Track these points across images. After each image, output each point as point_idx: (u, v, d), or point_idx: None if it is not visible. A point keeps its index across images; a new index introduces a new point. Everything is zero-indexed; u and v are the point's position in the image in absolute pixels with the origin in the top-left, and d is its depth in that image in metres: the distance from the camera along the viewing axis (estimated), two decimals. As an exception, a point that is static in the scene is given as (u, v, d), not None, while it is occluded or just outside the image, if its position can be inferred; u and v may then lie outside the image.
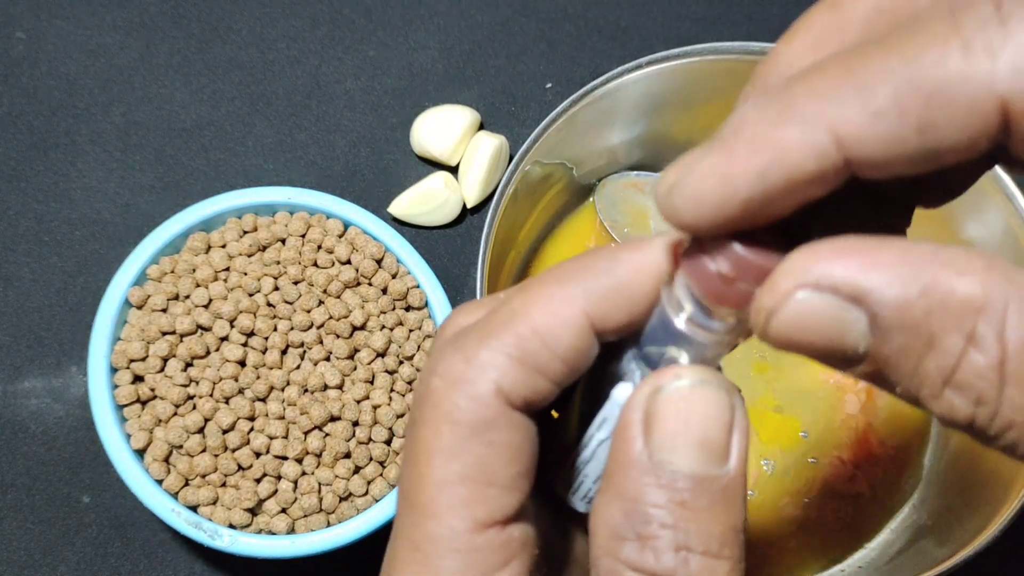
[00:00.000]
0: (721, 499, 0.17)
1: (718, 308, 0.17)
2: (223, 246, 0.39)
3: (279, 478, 0.37)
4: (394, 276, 0.40)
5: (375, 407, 0.38)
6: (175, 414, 0.37)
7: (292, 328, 0.38)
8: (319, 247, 0.40)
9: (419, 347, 0.40)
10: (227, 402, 0.37)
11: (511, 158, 0.44)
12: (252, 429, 0.37)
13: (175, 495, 0.36)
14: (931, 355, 0.14)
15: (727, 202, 0.15)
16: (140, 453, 0.37)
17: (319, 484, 0.37)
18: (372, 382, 0.38)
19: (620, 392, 0.19)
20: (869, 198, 0.18)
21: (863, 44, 0.14)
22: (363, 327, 0.39)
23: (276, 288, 0.39)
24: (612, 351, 0.19)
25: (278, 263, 0.39)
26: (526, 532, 0.18)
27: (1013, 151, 0.14)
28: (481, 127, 0.48)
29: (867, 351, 0.15)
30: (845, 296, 0.14)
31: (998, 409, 0.14)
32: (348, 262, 0.40)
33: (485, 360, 0.17)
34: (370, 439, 0.38)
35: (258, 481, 0.37)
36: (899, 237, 0.15)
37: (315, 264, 0.40)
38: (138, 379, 0.37)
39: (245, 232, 0.40)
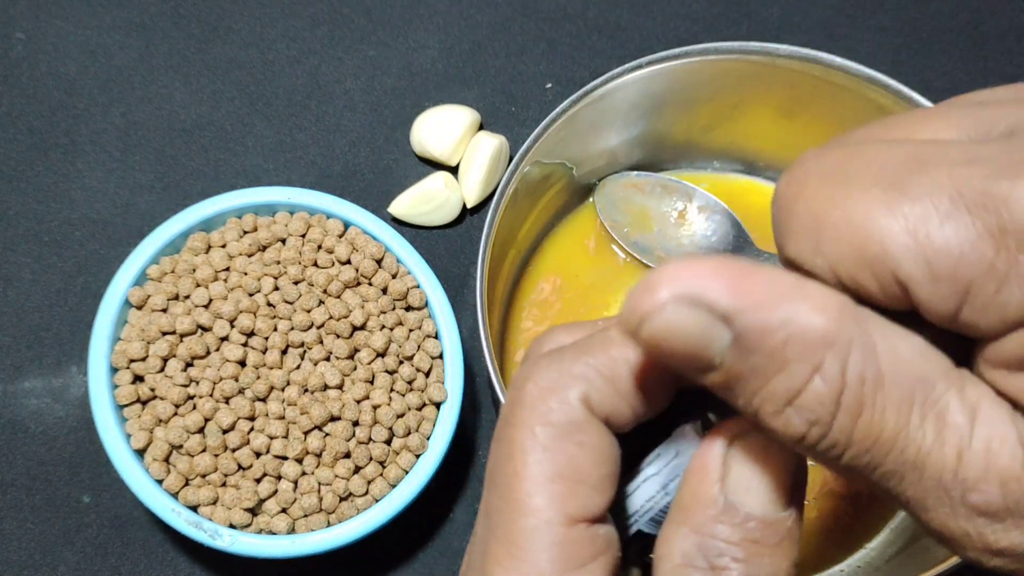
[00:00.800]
0: (787, 539, 0.19)
1: None
2: (223, 246, 0.39)
3: (279, 478, 0.37)
4: (394, 276, 0.40)
5: (375, 407, 0.38)
6: (175, 414, 0.37)
7: (292, 328, 0.38)
8: (319, 247, 0.40)
9: (419, 347, 0.40)
10: (227, 402, 0.37)
11: (511, 158, 0.45)
12: (252, 429, 0.37)
13: (175, 495, 0.36)
14: (780, 377, 0.16)
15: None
16: (140, 453, 0.37)
17: (319, 484, 0.37)
18: (372, 382, 0.38)
19: (680, 432, 0.20)
20: None
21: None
22: (363, 327, 0.39)
23: (276, 288, 0.39)
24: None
25: (278, 263, 0.39)
26: (610, 533, 0.20)
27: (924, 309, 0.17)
28: (481, 127, 0.48)
29: (722, 364, 0.16)
30: (717, 314, 0.16)
31: (828, 431, 0.16)
32: (348, 262, 0.40)
33: (579, 372, 0.19)
34: (370, 439, 0.38)
35: (258, 481, 0.37)
36: (764, 267, 0.17)
37: (315, 264, 0.40)
38: (138, 379, 0.37)
39: (245, 232, 0.40)
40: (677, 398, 0.20)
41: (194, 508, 0.36)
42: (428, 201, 0.46)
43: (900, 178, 0.16)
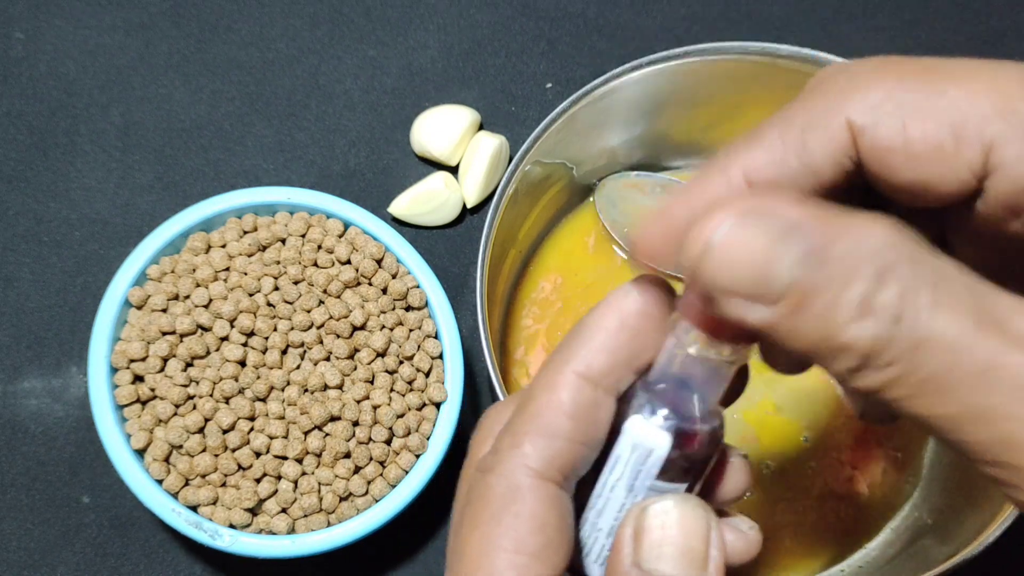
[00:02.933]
0: None
1: (712, 343, 0.20)
2: (223, 246, 0.39)
3: (279, 478, 0.37)
4: (394, 276, 0.40)
5: (375, 407, 0.38)
6: (175, 414, 0.37)
7: (292, 328, 0.38)
8: (319, 247, 0.40)
9: (419, 347, 0.40)
10: (227, 402, 0.37)
11: (511, 158, 0.44)
12: (252, 429, 0.37)
13: (175, 495, 0.36)
14: (852, 284, 0.16)
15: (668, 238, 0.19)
16: (140, 453, 0.37)
17: (319, 484, 0.37)
18: (372, 382, 0.38)
19: (631, 423, 0.20)
20: None
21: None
22: (363, 327, 0.39)
23: (276, 288, 0.39)
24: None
25: (278, 263, 0.39)
26: None
27: (867, 166, 0.18)
28: (481, 127, 0.48)
29: (792, 283, 0.16)
30: (785, 224, 0.16)
31: (900, 330, 0.16)
32: (348, 262, 0.40)
33: (508, 443, 0.20)
34: (370, 439, 0.38)
35: (258, 481, 0.37)
36: (812, 198, 0.18)
37: (315, 264, 0.40)
38: (138, 379, 0.37)
39: (245, 232, 0.40)
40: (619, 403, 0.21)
41: (194, 508, 0.36)
42: (428, 201, 0.46)
43: None
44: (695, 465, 0.21)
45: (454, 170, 0.47)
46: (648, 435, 0.20)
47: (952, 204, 0.19)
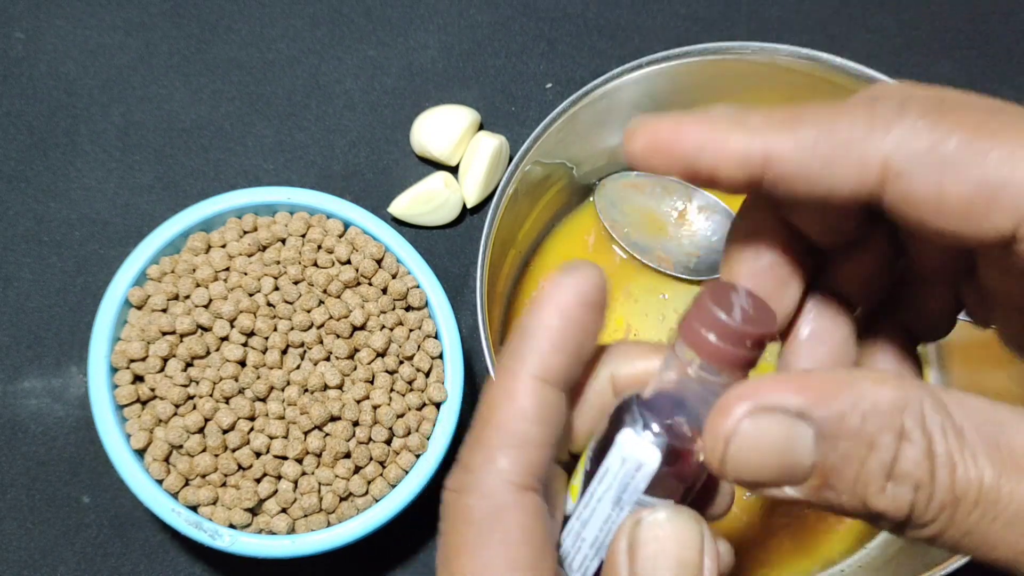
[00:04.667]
0: None
1: (711, 368, 0.20)
2: (223, 246, 0.39)
3: (279, 478, 0.37)
4: (394, 276, 0.40)
5: (375, 407, 0.38)
6: (175, 414, 0.37)
7: (292, 328, 0.38)
8: (319, 247, 0.40)
9: (419, 347, 0.40)
10: (227, 402, 0.37)
11: (511, 158, 0.44)
12: (252, 429, 0.37)
13: (175, 495, 0.36)
14: (872, 456, 0.17)
15: (672, 163, 0.19)
16: (140, 453, 0.37)
17: (319, 484, 0.37)
18: (372, 382, 0.38)
19: (623, 436, 0.20)
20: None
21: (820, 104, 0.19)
22: (363, 327, 0.39)
23: (276, 288, 0.39)
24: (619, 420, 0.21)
25: (278, 263, 0.39)
26: None
27: (889, 208, 0.18)
28: (481, 127, 0.48)
29: (814, 464, 0.17)
30: (793, 413, 0.17)
31: (933, 491, 0.17)
32: (348, 262, 0.40)
33: (479, 461, 0.20)
34: (370, 439, 0.38)
35: (258, 481, 0.37)
36: (817, 370, 0.18)
37: (315, 264, 0.40)
38: (138, 379, 0.37)
39: (245, 232, 0.40)
40: (612, 415, 0.21)
41: (194, 508, 0.36)
42: (428, 201, 0.46)
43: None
44: (683, 484, 0.21)
45: (454, 170, 0.47)
46: (638, 449, 0.20)
47: (978, 249, 0.19)
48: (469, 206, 0.47)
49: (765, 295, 0.22)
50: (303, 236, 0.40)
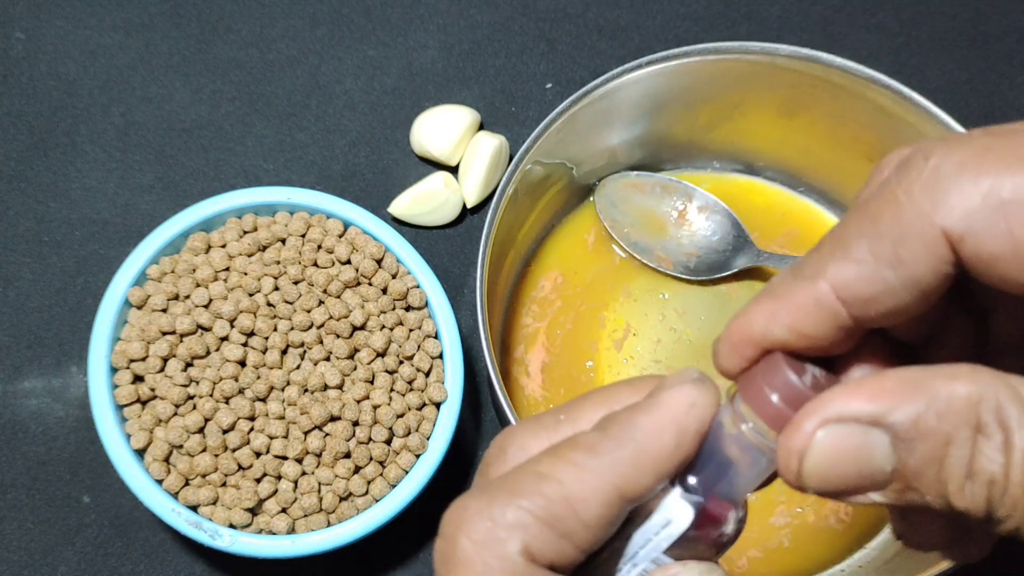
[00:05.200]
0: None
1: (769, 432, 0.18)
2: (223, 246, 0.39)
3: (279, 478, 0.37)
4: (394, 276, 0.40)
5: (375, 407, 0.38)
6: (175, 414, 0.37)
7: (292, 328, 0.38)
8: (319, 247, 0.40)
9: (419, 347, 0.40)
10: (227, 402, 0.37)
11: (511, 158, 0.45)
12: (252, 429, 0.37)
13: (175, 495, 0.36)
14: (951, 453, 0.16)
15: (759, 353, 0.19)
16: (140, 453, 0.37)
17: (319, 484, 0.37)
18: (372, 382, 0.38)
19: (666, 513, 0.19)
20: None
21: (846, 215, 0.19)
22: (363, 327, 0.39)
23: (276, 288, 0.39)
24: None
25: (278, 263, 0.39)
26: None
27: (971, 270, 0.17)
28: (481, 127, 0.48)
29: (894, 469, 0.17)
30: (866, 421, 0.17)
31: (1007, 486, 0.16)
32: (348, 262, 0.40)
33: (512, 520, 0.18)
34: (370, 439, 0.38)
35: (258, 481, 0.37)
36: (887, 372, 0.18)
37: (315, 264, 0.40)
38: (138, 379, 0.37)
39: (245, 232, 0.40)
40: None
41: (194, 508, 0.36)
42: (428, 201, 0.46)
43: None
44: (706, 552, 0.19)
45: (454, 170, 0.47)
46: (670, 505, 0.19)
47: None
48: (469, 206, 0.47)
49: None
50: (303, 236, 0.40)
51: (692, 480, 0.19)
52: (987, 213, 0.17)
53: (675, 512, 0.19)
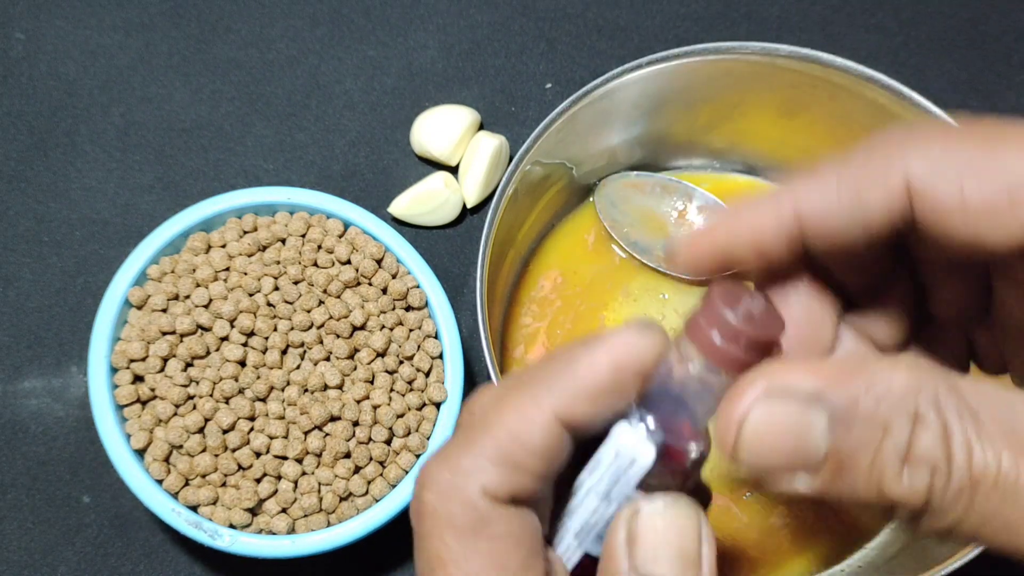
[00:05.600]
0: None
1: (714, 367, 0.19)
2: (223, 246, 0.39)
3: (279, 478, 0.37)
4: (394, 276, 0.40)
5: (375, 407, 0.38)
6: (175, 414, 0.37)
7: (292, 328, 0.38)
8: (319, 247, 0.40)
9: (419, 347, 0.40)
10: (227, 402, 0.37)
11: (511, 158, 0.45)
12: (252, 429, 0.37)
13: (175, 495, 0.36)
14: (887, 439, 0.16)
15: (717, 260, 0.21)
16: (140, 453, 0.37)
17: (319, 484, 0.37)
18: (372, 382, 0.38)
19: (618, 430, 0.20)
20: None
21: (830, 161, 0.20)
22: (363, 327, 0.39)
23: (276, 288, 0.39)
24: None
25: (278, 263, 0.39)
26: None
27: (920, 225, 0.19)
28: (481, 127, 0.48)
29: (828, 451, 0.17)
30: (805, 397, 0.17)
31: (950, 473, 0.16)
32: (348, 262, 0.40)
33: (468, 466, 0.19)
34: (370, 439, 0.38)
35: (258, 481, 0.37)
36: (831, 359, 0.18)
37: (315, 264, 0.40)
38: (138, 379, 0.37)
39: (245, 232, 0.40)
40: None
41: (194, 508, 0.36)
42: (428, 201, 0.46)
43: None
44: (675, 482, 0.20)
45: (454, 170, 0.47)
46: (633, 445, 0.20)
47: (1003, 259, 0.19)
48: (469, 206, 0.47)
49: (809, 324, 0.22)
50: (303, 236, 0.40)
51: (650, 419, 0.20)
52: (946, 167, 0.18)
53: (639, 451, 0.20)
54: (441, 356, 0.40)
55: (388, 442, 0.38)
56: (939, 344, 0.23)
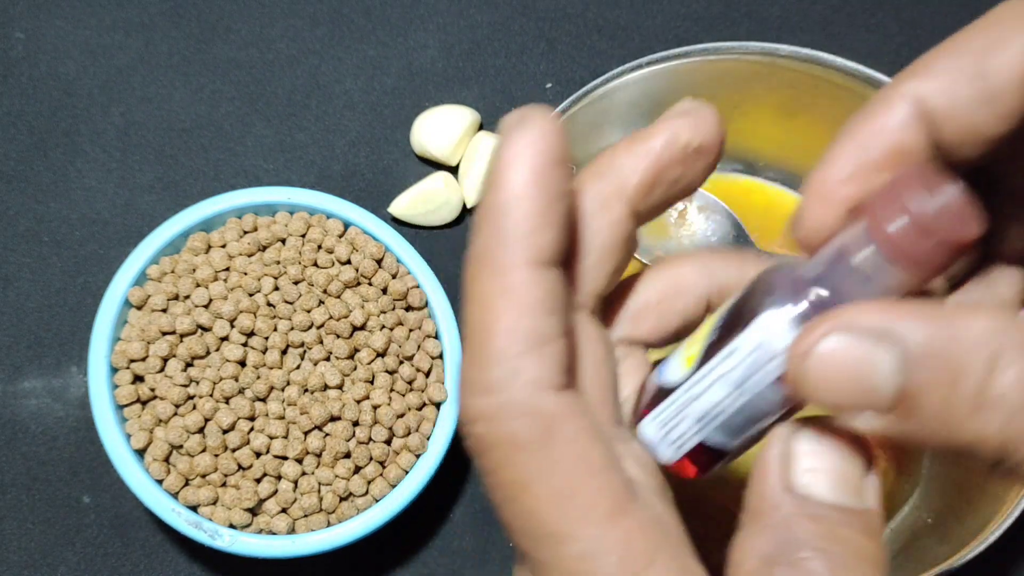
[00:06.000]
0: (864, 529, 0.18)
1: (893, 262, 0.17)
2: (223, 246, 0.39)
3: (279, 478, 0.37)
4: (394, 276, 0.40)
5: (375, 407, 0.38)
6: (175, 414, 0.37)
7: (292, 328, 0.38)
8: (319, 247, 0.40)
9: (419, 347, 0.40)
10: (227, 402, 0.37)
11: (511, 158, 0.44)
12: (252, 429, 0.37)
13: (175, 495, 0.36)
14: (961, 380, 0.15)
15: (853, 189, 0.18)
16: (140, 453, 0.37)
17: (319, 484, 0.37)
18: (372, 382, 0.38)
19: (766, 319, 0.17)
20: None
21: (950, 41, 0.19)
22: (363, 327, 0.39)
23: (276, 288, 0.39)
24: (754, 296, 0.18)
25: (278, 263, 0.39)
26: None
27: None
28: (481, 127, 0.48)
29: (896, 393, 0.16)
30: (875, 333, 0.16)
31: (1022, 423, 0.15)
32: (348, 262, 0.40)
33: (502, 375, 0.17)
34: (370, 439, 0.38)
35: (258, 481, 0.37)
36: (909, 299, 0.17)
37: (315, 264, 0.40)
38: (138, 379, 0.37)
39: (245, 232, 0.40)
40: (755, 286, 0.18)
41: (194, 508, 0.36)
42: (428, 201, 0.46)
43: None
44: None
45: (454, 170, 0.47)
46: (781, 338, 0.17)
47: None
48: (469, 206, 0.47)
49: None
50: (303, 236, 0.40)
51: (805, 311, 0.18)
52: None
53: (787, 344, 0.17)
54: (441, 356, 0.40)
55: (388, 442, 0.38)
56: (996, 285, 0.21)
